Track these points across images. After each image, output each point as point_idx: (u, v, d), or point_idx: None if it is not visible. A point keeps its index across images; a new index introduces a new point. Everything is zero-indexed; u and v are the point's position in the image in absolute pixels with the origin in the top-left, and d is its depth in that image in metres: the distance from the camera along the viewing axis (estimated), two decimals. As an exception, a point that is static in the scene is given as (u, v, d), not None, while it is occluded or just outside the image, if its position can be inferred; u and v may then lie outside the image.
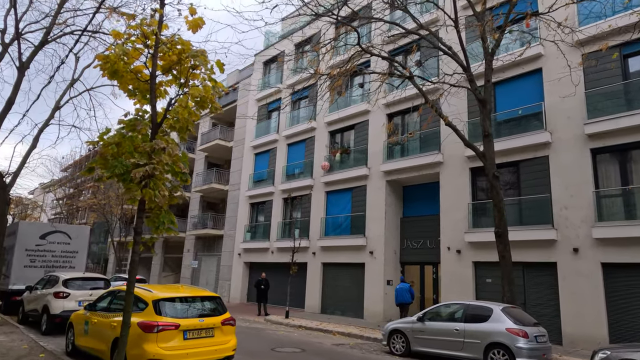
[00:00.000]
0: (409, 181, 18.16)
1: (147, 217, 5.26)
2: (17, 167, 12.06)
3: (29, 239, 14.39)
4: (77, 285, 11.33)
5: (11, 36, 12.29)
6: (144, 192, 4.62)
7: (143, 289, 7.14)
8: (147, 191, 4.61)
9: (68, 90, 14.21)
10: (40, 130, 12.96)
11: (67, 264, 15.14)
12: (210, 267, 27.46)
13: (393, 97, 17.78)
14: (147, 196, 4.65)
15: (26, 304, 12.31)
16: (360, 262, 18.41)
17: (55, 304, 10.73)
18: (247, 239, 24.72)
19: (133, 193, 4.71)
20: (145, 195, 4.64)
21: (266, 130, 25.55)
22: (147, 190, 4.61)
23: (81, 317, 8.20)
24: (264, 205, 24.49)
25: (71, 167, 51.67)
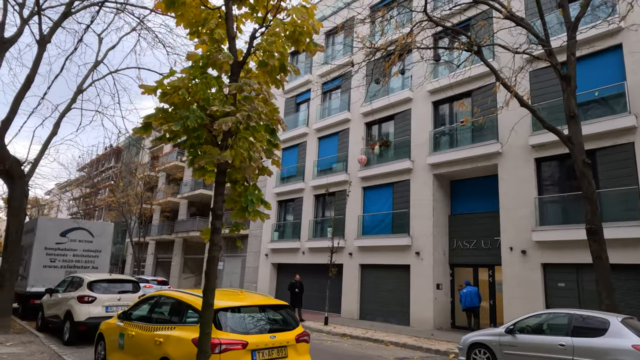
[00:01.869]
0: (459, 175, 16.51)
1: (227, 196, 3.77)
2: (37, 155, 10.76)
3: (49, 236, 13.07)
4: (104, 288, 9.94)
5: (30, 10, 11.04)
6: (231, 154, 3.13)
7: (193, 295, 5.68)
8: (237, 150, 3.13)
9: (91, 72, 12.95)
10: (62, 115, 11.67)
11: (89, 264, 13.81)
12: (234, 268, 26.06)
13: (440, 84, 16.31)
14: (237, 159, 3.17)
15: (46, 308, 10.97)
16: (404, 264, 16.79)
17: (80, 309, 9.34)
18: (275, 238, 23.26)
19: (210, 158, 3.24)
20: (235, 158, 3.16)
21: (294, 124, 24.09)
22: (236, 150, 3.13)
23: (114, 328, 6.76)
24: (293, 202, 23.02)
25: (87, 166, 50.88)
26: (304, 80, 23.75)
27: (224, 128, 3.02)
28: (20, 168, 9.99)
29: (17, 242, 9.81)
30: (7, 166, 9.60)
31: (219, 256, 3.81)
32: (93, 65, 12.96)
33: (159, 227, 34.66)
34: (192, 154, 3.60)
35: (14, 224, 9.79)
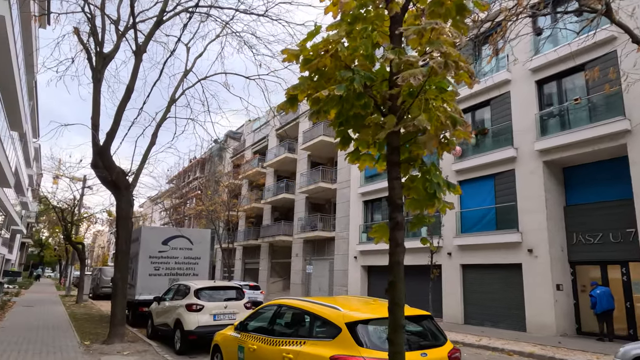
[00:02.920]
0: (574, 160, 14.54)
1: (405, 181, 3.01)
2: (139, 165, 10.94)
3: (152, 245, 13.40)
4: (209, 295, 9.75)
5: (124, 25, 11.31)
6: (428, 118, 2.34)
7: (320, 304, 5.00)
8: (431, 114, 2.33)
9: (182, 82, 13.06)
10: (159, 125, 11.82)
11: (190, 272, 13.96)
12: (322, 271, 25.64)
13: (546, 58, 14.54)
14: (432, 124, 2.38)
15: (155, 316, 11.08)
16: (514, 263, 15.13)
17: (189, 318, 9.19)
18: (363, 240, 22.45)
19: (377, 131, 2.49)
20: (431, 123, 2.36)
21: (376, 120, 23.18)
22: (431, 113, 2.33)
23: (231, 340, 6.31)
24: (380, 202, 22.07)
25: (176, 178, 53.90)
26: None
27: (413, 82, 2.24)
28: (126, 178, 10.17)
29: (126, 251, 9.97)
30: (114, 177, 9.79)
31: (403, 260, 3.04)
32: (183, 75, 13.07)
33: (244, 232, 35.42)
34: (348, 129, 2.88)
35: (123, 234, 9.96)
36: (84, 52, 11.25)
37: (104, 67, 10.64)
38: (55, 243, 57.31)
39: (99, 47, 10.61)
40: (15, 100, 17.26)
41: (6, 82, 15.66)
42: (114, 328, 9.41)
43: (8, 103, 16.23)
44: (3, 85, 15.11)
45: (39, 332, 11.09)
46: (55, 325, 12.51)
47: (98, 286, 25.62)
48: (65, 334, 10.88)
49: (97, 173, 10.06)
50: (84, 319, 14.46)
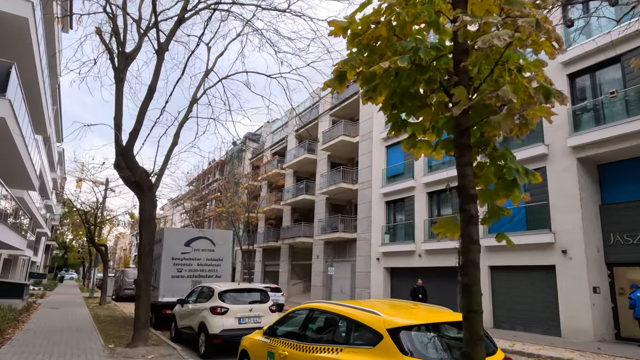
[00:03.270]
0: (610, 157, 13.86)
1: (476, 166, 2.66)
2: (161, 165, 10.78)
3: (175, 246, 13.27)
4: (234, 298, 9.50)
5: (146, 24, 11.21)
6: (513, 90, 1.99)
7: (357, 309, 4.66)
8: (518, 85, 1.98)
9: (203, 81, 12.90)
10: (181, 125, 11.67)
11: (212, 273, 13.79)
12: (343, 273, 25.25)
13: (576, 52, 13.94)
14: (519, 97, 2.03)
15: (178, 319, 10.90)
16: (547, 265, 14.52)
17: (214, 321, 8.96)
18: (386, 241, 22.00)
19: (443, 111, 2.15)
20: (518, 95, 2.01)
21: (397, 119, 22.72)
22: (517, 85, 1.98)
23: (260, 345, 6.02)
24: (402, 202, 21.60)
25: (195, 180, 54.27)
26: (405, 71, 22.30)
27: (497, 43, 1.88)
28: (149, 179, 10.02)
29: (149, 253, 9.80)
30: (137, 177, 9.65)
31: (479, 259, 2.68)
32: (204, 74, 12.91)
33: (264, 234, 35.29)
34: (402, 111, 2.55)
35: (146, 235, 9.81)
36: (106, 53, 11.19)
37: (126, 67, 10.54)
38: (79, 245, 58.33)
39: (121, 47, 10.52)
40: (39, 103, 17.42)
41: (30, 85, 15.78)
42: (137, 331, 9.25)
43: (32, 107, 16.36)
44: (27, 89, 15.23)
45: (63, 334, 11.02)
46: (80, 327, 12.46)
47: (121, 288, 25.75)
48: (89, 336, 10.79)
49: (120, 174, 9.93)
50: (107, 321, 14.42)
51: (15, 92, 12.36)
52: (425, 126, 2.68)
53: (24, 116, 14.20)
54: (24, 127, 14.43)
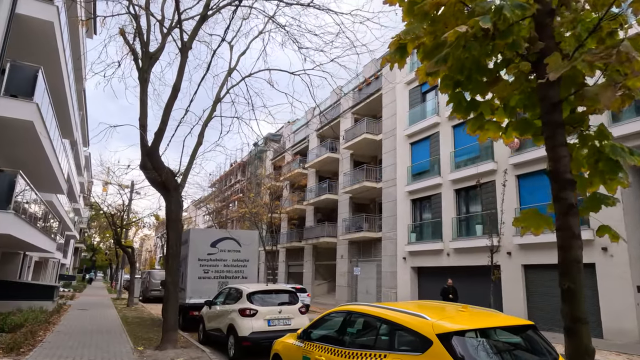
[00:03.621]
0: (653, 148, 13.11)
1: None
2: (186, 165, 10.66)
3: (201, 247, 13.16)
4: (262, 300, 9.28)
5: (169, 24, 11.12)
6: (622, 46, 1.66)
7: (407, 313, 4.31)
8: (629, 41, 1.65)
9: (226, 80, 12.76)
10: (205, 124, 11.54)
11: (239, 274, 13.63)
12: (369, 273, 24.86)
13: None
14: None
15: (206, 321, 10.75)
16: (586, 263, 13.77)
17: (243, 323, 8.75)
18: (412, 240, 21.52)
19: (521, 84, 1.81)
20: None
21: (422, 115, 22.22)
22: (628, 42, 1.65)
23: (294, 349, 5.75)
24: (429, 200, 21.08)
25: (217, 182, 54.71)
26: (430, 66, 21.76)
27: None
28: (175, 179, 9.90)
29: (177, 254, 9.68)
30: (163, 178, 9.53)
31: (582, 257, 2.35)
32: (227, 73, 12.77)
33: (287, 235, 35.17)
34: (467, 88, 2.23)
35: (173, 236, 9.69)
36: (130, 55, 11.16)
37: (149, 67, 10.46)
38: (106, 247, 59.51)
39: (145, 47, 10.45)
40: (65, 108, 17.64)
41: (57, 89, 15.97)
42: (166, 334, 9.13)
43: (59, 111, 16.55)
44: (54, 93, 15.41)
45: (93, 336, 11.02)
46: (109, 329, 12.47)
47: (147, 289, 25.97)
48: (118, 338, 10.75)
49: (146, 174, 9.85)
50: (135, 322, 14.44)
51: (42, 96, 12.47)
52: (493, 105, 2.36)
53: (51, 120, 14.36)
54: (52, 131, 14.59)
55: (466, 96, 2.41)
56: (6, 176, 11.56)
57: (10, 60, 11.79)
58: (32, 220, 14.05)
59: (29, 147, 13.42)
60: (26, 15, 11.79)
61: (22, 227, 12.36)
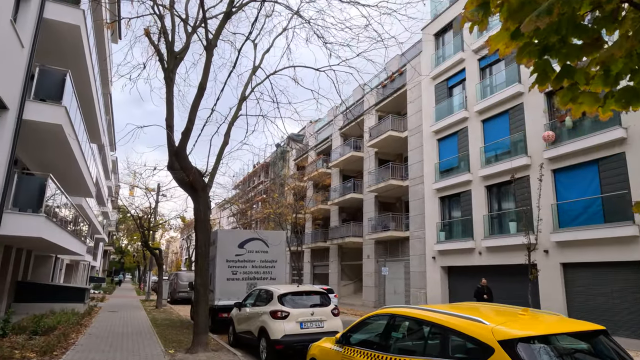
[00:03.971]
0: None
1: None
2: (213, 165, 10.50)
3: (228, 248, 13.02)
4: (294, 301, 9.01)
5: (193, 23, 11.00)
6: None
7: (461, 317, 3.95)
8: None
9: (251, 79, 12.58)
10: (231, 123, 11.37)
11: (267, 275, 13.44)
12: (396, 273, 24.36)
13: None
14: None
15: (236, 323, 10.56)
16: (631, 261, 13.10)
17: (274, 326, 8.50)
18: (442, 239, 20.94)
19: None
20: None
21: (449, 110, 21.62)
22: None
23: (333, 355, 5.45)
24: (458, 197, 20.47)
25: (241, 183, 54.99)
26: (456, 59, 21.17)
27: None
28: (203, 179, 9.75)
29: (206, 255, 9.52)
30: (191, 178, 9.39)
31: None
32: (252, 71, 12.59)
33: (312, 235, 34.94)
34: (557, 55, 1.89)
35: (202, 237, 9.53)
36: (155, 56, 11.09)
37: (175, 67, 10.35)
38: (134, 250, 60.62)
39: (170, 46, 10.35)
40: (93, 112, 17.84)
41: (84, 93, 16.14)
42: (197, 336, 8.96)
43: (87, 115, 16.74)
44: (81, 97, 15.57)
45: (123, 339, 10.99)
46: (139, 331, 12.45)
47: (175, 291, 26.15)
48: (148, 341, 10.67)
49: (174, 175, 9.73)
50: (165, 324, 14.42)
51: (70, 100, 12.56)
52: (589, 73, 2.00)
53: (79, 124, 14.49)
54: (80, 134, 14.73)
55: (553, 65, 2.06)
56: (37, 180, 11.66)
57: (39, 65, 11.90)
58: (62, 224, 14.19)
59: (59, 151, 13.55)
60: (53, 19, 11.88)
61: (53, 230, 12.46)
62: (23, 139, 11.99)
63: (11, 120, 10.55)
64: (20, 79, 10.93)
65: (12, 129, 10.68)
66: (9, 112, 10.30)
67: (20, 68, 10.88)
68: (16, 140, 10.81)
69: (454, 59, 21.27)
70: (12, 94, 10.41)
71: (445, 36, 23.16)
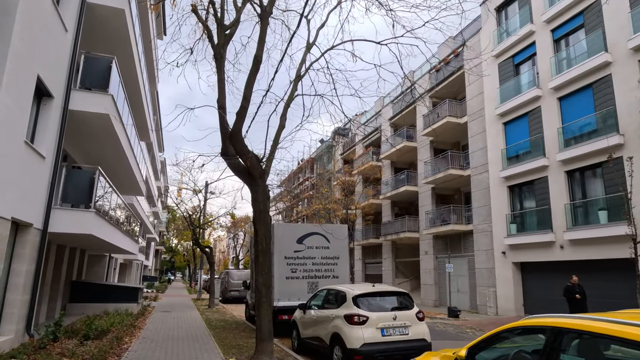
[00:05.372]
0: None
1: None
2: (270, 150, 9.36)
3: (287, 244, 11.89)
4: (370, 303, 7.68)
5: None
6: None
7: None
8: None
9: (305, 57, 11.35)
10: (287, 105, 10.18)
11: (329, 273, 12.22)
12: (459, 270, 22.51)
13: None
14: None
15: (301, 327, 9.39)
16: None
17: (351, 333, 7.22)
18: (512, 232, 18.94)
19: None
20: None
21: (516, 90, 19.56)
22: None
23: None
24: (531, 185, 18.42)
25: (286, 181, 54.40)
26: (524, 32, 19.08)
27: None
28: (260, 165, 8.63)
29: (267, 251, 8.40)
30: (248, 164, 8.29)
31: None
32: (306, 49, 11.36)
33: (362, 231, 33.53)
34: None
35: (262, 230, 8.42)
36: (203, 39, 10.14)
37: (225, 44, 9.30)
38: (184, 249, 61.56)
39: (220, 20, 9.31)
40: (140, 105, 17.30)
41: (131, 84, 15.58)
42: (260, 343, 7.85)
43: (134, 108, 16.20)
44: (128, 89, 15.00)
45: (179, 343, 10.11)
46: (195, 335, 11.58)
47: (227, 290, 25.56)
48: (206, 346, 9.72)
49: (228, 162, 8.69)
50: (220, 326, 13.54)
51: (117, 89, 11.87)
52: None
53: (127, 117, 13.86)
54: (128, 129, 14.09)
55: None
56: (86, 174, 11.01)
57: (84, 52, 11.26)
58: (114, 222, 13.62)
59: (107, 145, 12.93)
60: (96, 3, 11.18)
61: (104, 227, 11.82)
62: (70, 131, 11.39)
63: (57, 110, 9.90)
64: (65, 65, 10.27)
65: (58, 119, 10.03)
66: (54, 101, 9.63)
67: (65, 53, 10.21)
68: (63, 131, 10.15)
69: (521, 33, 19.18)
70: (57, 81, 9.74)
71: (509, 9, 21.06)
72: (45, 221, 9.54)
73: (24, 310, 8.89)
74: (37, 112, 9.39)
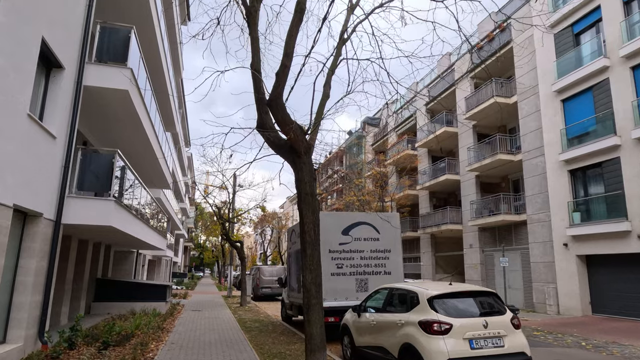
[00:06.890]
0: None
1: None
2: (314, 122, 7.80)
3: (331, 235, 10.36)
4: (451, 307, 6.04)
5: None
6: None
7: None
8: None
9: (348, 19, 9.73)
10: (331, 72, 8.61)
11: (380, 269, 10.63)
12: (510, 265, 20.47)
13: None
14: None
15: (356, 334, 7.85)
16: None
17: (430, 344, 5.63)
18: (576, 221, 16.86)
19: None
20: None
21: (577, 63, 17.39)
22: None
23: None
24: (599, 168, 16.29)
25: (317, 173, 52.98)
26: (582, 2, 16.91)
27: None
28: (306, 138, 7.10)
29: (316, 242, 6.88)
30: (290, 136, 6.78)
31: None
32: (349, 10, 9.73)
33: (398, 224, 31.69)
34: None
35: (309, 216, 6.92)
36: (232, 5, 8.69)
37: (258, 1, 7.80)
38: (212, 245, 61.03)
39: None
40: (165, 91, 16.10)
41: (155, 70, 14.39)
42: (312, 355, 6.36)
43: (158, 95, 14.99)
44: (153, 77, 13.80)
45: (212, 350, 8.76)
46: (229, 339, 10.22)
47: (258, 287, 24.32)
48: (242, 355, 8.33)
49: (265, 136, 7.22)
50: (255, 328, 12.18)
51: (138, 64, 10.58)
52: None
53: (150, 99, 12.60)
54: (152, 112, 12.86)
55: None
56: (103, 157, 9.74)
57: (99, 22, 10.00)
58: (138, 214, 12.42)
59: (128, 128, 11.66)
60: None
61: (126, 219, 10.57)
62: (87, 113, 10.17)
63: (69, 84, 8.63)
64: (78, 33, 8.99)
65: (70, 95, 8.77)
66: (64, 72, 8.36)
67: (77, 19, 8.93)
68: (76, 109, 8.89)
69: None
70: (68, 50, 8.47)
71: (565, -27, 18.84)
72: (58, 211, 8.32)
73: (35, 314, 7.68)
74: (45, 86, 8.16)
